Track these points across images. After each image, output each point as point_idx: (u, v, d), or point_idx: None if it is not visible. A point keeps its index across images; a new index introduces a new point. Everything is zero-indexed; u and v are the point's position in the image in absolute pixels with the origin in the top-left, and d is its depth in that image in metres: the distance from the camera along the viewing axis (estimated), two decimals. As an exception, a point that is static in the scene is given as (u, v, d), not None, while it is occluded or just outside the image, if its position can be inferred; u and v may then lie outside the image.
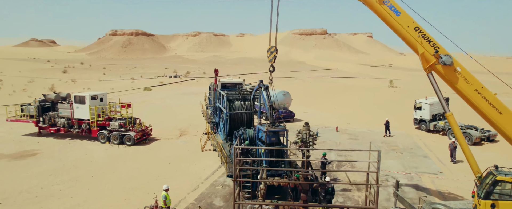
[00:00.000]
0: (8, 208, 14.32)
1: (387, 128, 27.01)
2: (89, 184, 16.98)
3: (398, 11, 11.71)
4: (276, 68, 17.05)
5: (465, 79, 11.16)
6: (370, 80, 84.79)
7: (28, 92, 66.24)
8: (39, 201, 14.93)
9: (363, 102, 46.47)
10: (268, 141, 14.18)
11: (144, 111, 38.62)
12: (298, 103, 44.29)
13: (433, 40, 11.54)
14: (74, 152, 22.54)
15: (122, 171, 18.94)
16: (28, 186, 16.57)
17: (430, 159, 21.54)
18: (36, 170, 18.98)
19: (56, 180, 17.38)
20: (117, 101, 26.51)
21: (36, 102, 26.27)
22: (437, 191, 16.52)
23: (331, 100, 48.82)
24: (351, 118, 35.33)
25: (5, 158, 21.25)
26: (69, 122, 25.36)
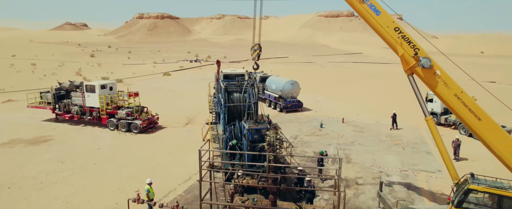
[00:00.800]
0: (15, 192, 15.64)
1: (394, 120, 26.32)
2: (91, 171, 18.07)
3: (378, 11, 11.23)
4: (298, 52, 16.95)
5: (445, 83, 10.66)
6: (392, 66, 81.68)
7: (57, 76, 69.75)
8: (43, 188, 16.15)
9: (380, 91, 45.18)
10: (251, 138, 14.36)
11: (158, 97, 39.87)
12: (310, 91, 43.89)
13: (413, 41, 11.03)
14: (84, 139, 23.88)
15: (123, 159, 19.94)
16: (36, 172, 17.92)
17: (432, 155, 20.92)
18: (47, 156, 20.39)
19: (62, 167, 18.64)
20: (126, 90, 27.50)
21: (52, 90, 27.83)
22: (429, 191, 16.15)
23: (347, 88, 47.84)
24: (363, 108, 34.61)
25: (23, 143, 22.92)
26: (81, 110, 26.74)
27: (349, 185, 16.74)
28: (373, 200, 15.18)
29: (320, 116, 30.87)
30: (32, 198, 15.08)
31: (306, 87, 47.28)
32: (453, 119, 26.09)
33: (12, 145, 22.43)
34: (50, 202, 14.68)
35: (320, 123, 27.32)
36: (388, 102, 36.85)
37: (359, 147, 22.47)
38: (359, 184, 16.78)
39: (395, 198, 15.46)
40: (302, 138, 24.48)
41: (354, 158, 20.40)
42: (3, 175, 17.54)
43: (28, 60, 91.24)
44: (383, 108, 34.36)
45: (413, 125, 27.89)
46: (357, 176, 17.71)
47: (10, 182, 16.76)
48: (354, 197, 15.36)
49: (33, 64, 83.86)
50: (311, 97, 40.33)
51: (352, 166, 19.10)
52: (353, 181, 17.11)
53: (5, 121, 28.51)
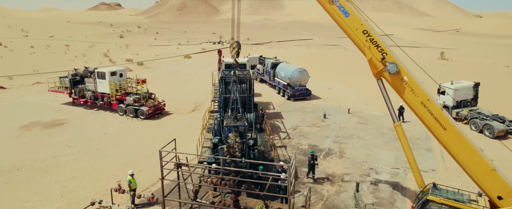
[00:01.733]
0: (22, 174, 17.22)
1: (401, 113, 25.46)
2: (92, 157, 19.38)
3: (347, 12, 10.80)
4: (324, 33, 16.81)
5: (412, 90, 10.21)
6: (421, 50, 77.62)
7: (86, 58, 73.28)
8: (47, 171, 17.63)
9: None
10: (227, 134, 14.66)
11: (173, 82, 40.99)
12: (325, 77, 43.15)
13: (381, 45, 10.56)
14: (95, 123, 25.38)
15: (124, 146, 21.11)
16: (44, 155, 19.51)
17: (431, 153, 20.25)
18: (57, 140, 22.02)
19: (67, 151, 20.12)
20: (135, 77, 28.55)
21: (69, 75, 29.51)
22: (415, 192, 15.80)
23: (366, 74, 46.16)
24: (376, 97, 33.58)
25: (40, 126, 24.80)
26: (94, 95, 28.26)
27: (334, 181, 16.75)
28: (352, 199, 15.17)
29: (327, 105, 30.49)
30: (35, 181, 16.55)
31: (322, 73, 46.58)
32: (465, 114, 24.80)
33: (30, 127, 24.36)
34: (49, 186, 16.06)
35: (324, 113, 27.04)
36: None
37: (357, 140, 22.15)
38: (344, 181, 16.74)
39: (377, 197, 15.38)
40: (302, 128, 24.45)
41: (348, 152, 20.22)
42: (16, 157, 19.27)
43: (63, 41, 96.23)
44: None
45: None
46: (345, 172, 17.65)
47: (21, 164, 18.43)
48: (335, 195, 15.42)
49: (67, 46, 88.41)
50: (324, 84, 39.71)
51: (343, 161, 18.99)
52: (339, 178, 17.09)
53: (30, 103, 30.79)
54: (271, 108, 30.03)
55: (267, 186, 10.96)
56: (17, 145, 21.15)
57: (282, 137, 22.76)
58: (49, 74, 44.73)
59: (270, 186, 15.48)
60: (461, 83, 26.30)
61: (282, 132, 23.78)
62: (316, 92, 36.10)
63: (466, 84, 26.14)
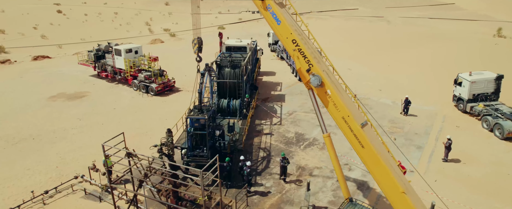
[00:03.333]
0: (34, 144, 19.99)
1: (406, 105, 24.01)
2: (95, 131, 21.66)
3: (279, 20, 10.47)
4: (371, 3, 16.53)
5: (334, 104, 9.83)
6: (477, 24, 69.12)
7: (129, 26, 77.34)
8: (55, 142, 20.25)
9: (438, 58, 39.81)
10: (191, 126, 15.42)
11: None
12: (349, 57, 41.28)
13: (308, 56, 10.14)
14: (110, 97, 27.80)
15: (125, 122, 23.10)
16: (57, 127, 22.25)
17: (421, 152, 19.24)
18: (73, 112, 24.74)
19: (77, 124, 22.66)
20: (148, 55, 30.14)
21: (93, 50, 32.10)
22: (377, 193, 15.56)
23: (401, 53, 43.19)
24: (393, 83, 31.74)
25: (64, 97, 27.87)
26: (113, 70, 30.62)
27: (301, 175, 17.03)
28: (321, 193, 15.44)
29: (336, 89, 29.62)
30: (43, 151, 19.21)
31: (348, 51, 44.45)
32: (479, 109, 22.65)
33: (55, 98, 27.52)
34: (51, 156, 18.58)
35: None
36: (437, 74, 32.60)
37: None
38: (312, 176, 16.93)
39: (336, 196, 15.47)
40: (298, 114, 24.41)
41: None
42: (35, 127, 22.27)
43: (114, 9, 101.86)
44: (421, 82, 31.04)
45: (436, 109, 25.10)
46: (317, 166, 17.74)
47: (36, 134, 21.33)
48: (295, 190, 15.78)
49: (116, 13, 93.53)
50: (345, 64, 38.05)
51: (321, 154, 18.98)
52: (308, 171, 17.30)
53: (64, 74, 34.32)
54: (278, 89, 30.03)
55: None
56: (40, 115, 24.23)
57: (274, 123, 23.06)
58: (93, 43, 48.58)
59: (235, 174, 16.43)
60: (482, 74, 23.76)
61: (277, 117, 24.02)
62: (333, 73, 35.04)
63: (487, 76, 23.56)
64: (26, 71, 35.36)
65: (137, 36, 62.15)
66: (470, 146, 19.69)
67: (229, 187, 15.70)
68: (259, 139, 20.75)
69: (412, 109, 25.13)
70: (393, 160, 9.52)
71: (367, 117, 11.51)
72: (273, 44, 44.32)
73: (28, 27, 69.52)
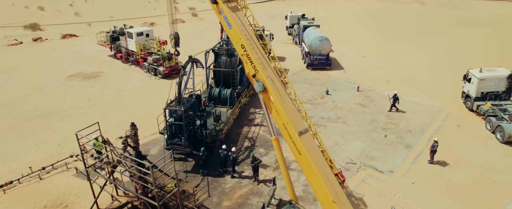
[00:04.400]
0: (46, 121, 21.97)
1: (394, 102, 23.09)
2: (100, 112, 23.29)
3: (230, 24, 10.59)
4: None
5: (276, 110, 9.93)
6: None
7: (157, 4, 78.98)
8: (63, 120, 22.14)
9: (466, 48, 37.16)
10: (169, 116, 16.20)
11: (210, 38, 42.66)
12: (365, 44, 39.81)
13: (254, 62, 10.17)
14: (121, 78, 29.39)
15: (130, 104, 24.52)
16: (68, 106, 24.16)
17: (408, 151, 18.74)
18: (86, 92, 26.59)
19: (85, 104, 24.44)
20: (157, 38, 31.11)
21: (110, 32, 33.68)
22: (350, 192, 15.64)
23: (424, 40, 40.81)
24: (404, 75, 30.40)
25: (80, 77, 29.89)
26: (127, 52, 32.09)
27: (278, 168, 17.41)
28: (281, 189, 15.87)
29: (341, 79, 29.04)
30: (51, 128, 21.13)
31: (368, 37, 42.62)
32: (486, 108, 21.36)
33: (73, 78, 29.61)
34: (56, 134, 20.43)
35: (326, 89, 26.16)
36: (455, 67, 30.67)
37: (339, 125, 21.50)
38: (289, 169, 17.18)
39: (305, 192, 15.80)
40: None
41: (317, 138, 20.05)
42: (50, 105, 24.34)
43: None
44: (435, 75, 29.51)
45: (441, 106, 23.98)
46: (295, 160, 17.97)
47: (49, 112, 23.38)
48: (268, 182, 16.28)
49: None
50: (359, 52, 36.90)
51: (305, 147, 19.15)
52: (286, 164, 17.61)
53: (86, 53, 36.50)
54: (283, 76, 29.92)
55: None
56: (56, 94, 26.34)
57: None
58: (120, 21, 50.60)
59: (215, 162, 17.23)
60: (493, 72, 22.15)
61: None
62: (345, 60, 34.20)
63: (499, 73, 21.94)
64: (53, 50, 38.00)
65: (162, 14, 63.46)
66: (465, 148, 18.89)
67: (205, 175, 16.56)
68: (248, 128, 21.25)
69: (416, 104, 24.29)
70: (329, 169, 9.64)
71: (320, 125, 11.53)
72: (290, 28, 43.61)
73: (65, 4, 73.36)
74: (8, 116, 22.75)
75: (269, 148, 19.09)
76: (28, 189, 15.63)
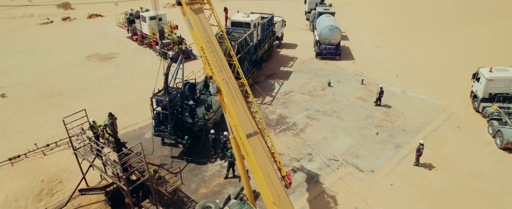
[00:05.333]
0: (59, 100, 23.76)
1: (379, 97, 22.61)
2: (107, 93, 24.78)
3: (192, 26, 10.93)
4: None
5: (229, 112, 10.23)
6: None
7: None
8: (74, 101, 23.87)
9: (498, 42, 34.72)
10: (156, 105, 17.04)
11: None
12: (383, 33, 38.18)
13: (211, 64, 10.46)
14: (133, 61, 30.74)
15: (136, 87, 25.80)
16: (81, 86, 25.90)
17: (396, 151, 18.41)
18: (99, 73, 28.23)
19: (96, 85, 26.05)
20: (169, 22, 31.84)
21: (126, 15, 34.95)
22: (322, 188, 15.88)
23: (449, 32, 38.41)
24: (419, 68, 29.11)
25: (97, 58, 31.62)
26: (142, 35, 33.31)
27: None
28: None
29: (349, 70, 28.44)
30: (62, 107, 22.89)
31: (390, 26, 40.65)
32: (491, 111, 20.24)
33: (90, 58, 31.42)
34: (66, 113, 21.69)
35: (328, 81, 25.84)
36: (474, 62, 28.96)
37: (333, 119, 21.40)
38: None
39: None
40: (293, 95, 24.50)
41: (308, 131, 20.19)
42: (64, 84, 26.22)
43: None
44: (449, 71, 28.06)
45: (447, 104, 22.99)
46: (281, 152, 18.34)
47: (64, 91, 25.25)
48: (234, 177, 16.76)
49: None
50: (378, 41, 35.58)
51: (292, 141, 19.40)
52: (269, 156, 18.07)
53: (106, 34, 38.27)
54: (289, 65, 29.84)
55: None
56: (73, 73, 28.22)
57: (265, 102, 23.65)
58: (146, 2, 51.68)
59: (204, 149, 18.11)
60: (504, 72, 20.75)
61: (271, 96, 24.49)
62: (359, 49, 33.26)
63: (510, 74, 20.51)
64: (78, 29, 40.20)
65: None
66: (458, 152, 18.26)
67: (189, 162, 17.49)
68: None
69: (419, 102, 23.52)
70: (274, 172, 9.96)
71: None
72: (308, 13, 42.63)
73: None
74: (28, 93, 24.90)
75: (257, 139, 19.55)
76: (32, 164, 17.45)
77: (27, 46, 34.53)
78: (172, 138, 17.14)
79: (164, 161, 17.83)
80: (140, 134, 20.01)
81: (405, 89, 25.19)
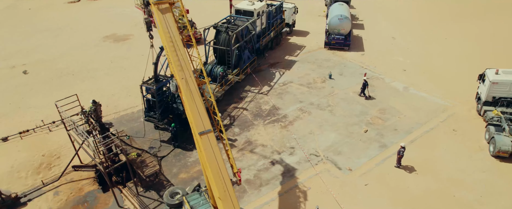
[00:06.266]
0: (72, 79, 25.46)
1: (363, 88, 22.47)
2: (116, 74, 26.17)
3: (158, 25, 11.48)
4: None
5: (186, 109, 10.75)
6: None
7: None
8: (85, 80, 25.52)
9: None
10: (146, 92, 17.93)
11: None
12: (408, 22, 36.19)
13: (172, 63, 10.90)
14: (146, 43, 31.47)
15: (142, 70, 26.95)
16: (93, 67, 27.51)
17: (380, 151, 18.28)
18: (112, 54, 29.72)
19: (106, 66, 27.53)
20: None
21: (142, -3, 35.95)
22: (295, 183, 16.30)
23: (476, 24, 35.83)
24: (430, 63, 27.83)
25: (112, 39, 33.09)
26: (155, 17, 34.30)
27: (245, 148, 18.55)
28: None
29: (355, 63, 27.81)
30: (74, 86, 24.60)
31: (412, 16, 38.44)
32: (491, 115, 19.29)
33: (106, 39, 32.97)
34: (74, 92, 23.74)
35: (329, 74, 25.53)
36: (492, 60, 27.28)
37: (324, 113, 21.39)
38: (252, 152, 18.24)
39: (255, 176, 16.80)
40: (291, 86, 24.54)
41: (296, 124, 20.41)
42: (79, 64, 27.95)
43: None
44: (463, 68, 26.63)
45: (449, 105, 22.12)
46: (264, 144, 18.82)
47: (77, 70, 26.99)
48: (226, 162, 17.56)
49: None
50: (396, 31, 34.09)
51: (278, 132, 19.76)
52: (251, 148, 18.61)
53: (124, 14, 39.56)
54: (295, 54, 29.61)
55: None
56: (88, 54, 29.91)
57: (261, 91, 23.95)
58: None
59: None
60: (511, 75, 19.48)
61: (269, 85, 24.71)
62: (372, 40, 32.21)
63: (517, 78, 19.26)
64: (100, 9, 41.90)
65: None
66: (445, 156, 17.81)
67: (176, 147, 18.51)
68: (234, 106, 22.33)
69: (420, 100, 22.80)
70: (225, 169, 10.48)
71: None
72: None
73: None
74: (46, 71, 26.91)
75: (244, 129, 20.17)
76: (37, 138, 19.30)
77: (53, 24, 36.69)
78: (160, 124, 18.16)
79: (154, 144, 18.99)
80: (138, 117, 21.24)
81: (409, 85, 24.39)
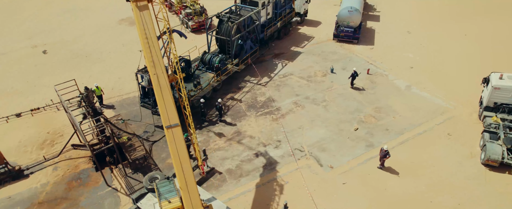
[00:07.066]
0: (85, 61, 26.92)
1: (352, 79, 22.52)
2: (124, 58, 27.28)
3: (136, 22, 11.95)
4: None
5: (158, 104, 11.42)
6: None
7: None
8: (96, 62, 26.88)
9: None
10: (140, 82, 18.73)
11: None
12: (427, 17, 34.47)
13: (146, 58, 11.42)
14: (158, 28, 32.76)
15: (150, 55, 28.01)
16: (105, 49, 28.83)
17: (366, 151, 18.25)
18: (124, 38, 30.87)
19: (117, 49, 28.73)
20: (193, -7, 32.78)
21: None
22: (275, 176, 16.73)
23: (500, 21, 33.56)
24: (439, 62, 26.71)
25: (127, 22, 34.08)
26: (170, 2, 34.97)
27: (232, 139, 19.14)
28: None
29: (361, 57, 27.23)
30: (86, 67, 26.03)
31: (438, 8, 36.37)
32: (489, 122, 18.55)
33: (122, 22, 34.15)
34: (86, 73, 25.23)
35: (331, 68, 25.26)
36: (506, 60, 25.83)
37: (318, 108, 21.42)
38: (239, 143, 18.82)
39: (237, 167, 17.41)
40: (291, 78, 24.60)
41: (287, 118, 20.62)
42: (92, 46, 29.33)
43: None
44: (474, 68, 25.40)
45: (450, 107, 21.41)
46: (252, 136, 19.29)
47: (91, 52, 28.42)
48: (213, 150, 18.30)
49: None
50: (406, 27, 32.63)
51: (268, 125, 20.12)
52: (239, 138, 19.16)
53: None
54: (302, 45, 29.36)
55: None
56: (104, 36, 31.26)
57: (260, 82, 24.23)
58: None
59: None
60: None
61: (269, 76, 24.90)
62: (385, 33, 31.19)
63: (521, 84, 18.24)
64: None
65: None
66: (431, 160, 17.51)
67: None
68: (231, 95, 22.83)
69: (420, 100, 22.23)
70: (188, 162, 11.08)
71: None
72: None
73: None
74: (62, 51, 28.56)
75: (236, 119, 20.71)
76: (46, 116, 20.93)
77: (76, 5, 38.34)
78: (153, 110, 19.09)
79: (149, 129, 20.04)
80: (137, 102, 22.30)
81: (412, 84, 23.72)
